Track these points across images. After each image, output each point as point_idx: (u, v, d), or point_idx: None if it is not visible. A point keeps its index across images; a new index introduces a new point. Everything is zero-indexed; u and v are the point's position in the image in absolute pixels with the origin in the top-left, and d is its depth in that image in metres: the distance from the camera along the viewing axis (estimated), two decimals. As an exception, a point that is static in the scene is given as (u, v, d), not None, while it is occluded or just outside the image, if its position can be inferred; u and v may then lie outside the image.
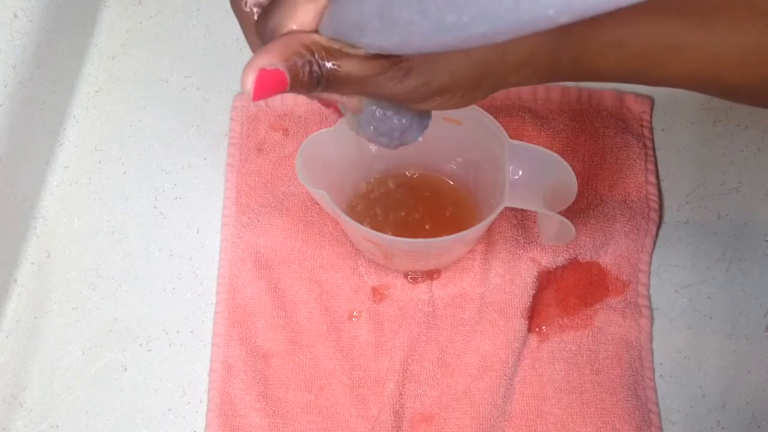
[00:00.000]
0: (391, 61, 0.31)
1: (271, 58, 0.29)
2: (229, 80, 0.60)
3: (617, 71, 0.35)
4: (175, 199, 0.57)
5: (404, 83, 0.32)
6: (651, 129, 0.58)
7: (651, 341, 0.53)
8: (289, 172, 0.57)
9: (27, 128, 0.55)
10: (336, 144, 0.49)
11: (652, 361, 0.52)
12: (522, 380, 0.51)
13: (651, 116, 0.59)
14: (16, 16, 0.54)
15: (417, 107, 0.34)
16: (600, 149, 0.57)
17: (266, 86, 0.29)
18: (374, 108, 0.35)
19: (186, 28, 0.62)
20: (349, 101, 0.35)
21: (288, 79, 0.30)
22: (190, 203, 0.57)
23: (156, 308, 0.54)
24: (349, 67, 0.30)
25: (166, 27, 0.62)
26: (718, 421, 0.51)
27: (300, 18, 0.31)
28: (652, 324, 0.53)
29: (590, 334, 0.52)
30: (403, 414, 0.51)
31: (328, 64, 0.30)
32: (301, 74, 0.30)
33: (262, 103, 0.59)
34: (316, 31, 0.31)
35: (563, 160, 0.48)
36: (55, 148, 0.58)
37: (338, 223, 0.54)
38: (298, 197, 0.56)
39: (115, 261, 0.55)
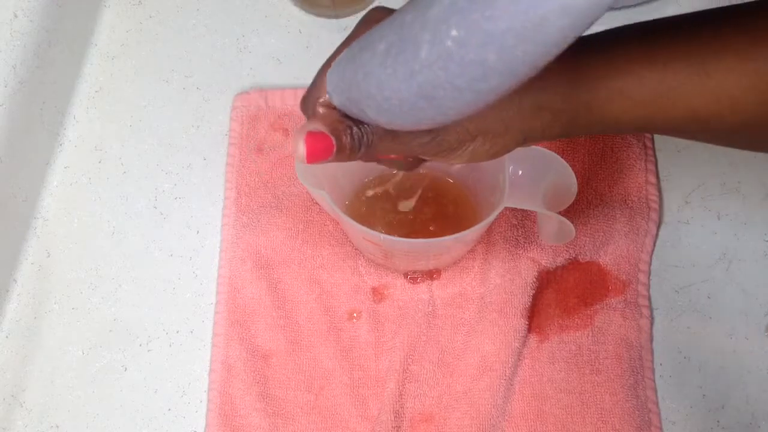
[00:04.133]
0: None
1: (316, 125, 0.33)
2: (229, 80, 0.60)
3: (626, 118, 0.36)
4: (175, 199, 0.57)
5: (439, 144, 0.36)
6: (651, 129, 0.58)
7: (651, 341, 0.53)
8: (289, 172, 0.57)
9: (27, 128, 0.55)
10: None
11: (652, 361, 0.52)
12: (522, 380, 0.51)
13: (651, 116, 0.59)
14: (16, 16, 0.54)
15: (453, 160, 0.37)
16: (600, 149, 0.57)
17: (316, 148, 0.33)
18: None
19: (186, 28, 0.62)
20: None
21: (334, 143, 0.33)
22: (190, 203, 0.57)
23: (156, 308, 0.54)
24: (382, 140, 0.35)
25: (166, 27, 0.62)
26: (718, 421, 0.51)
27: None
28: (652, 324, 0.53)
29: (590, 334, 0.52)
30: (403, 414, 0.51)
31: (366, 128, 0.34)
32: (345, 138, 0.34)
33: (262, 103, 0.59)
34: None
35: (563, 160, 0.48)
36: (55, 148, 0.58)
37: (338, 223, 0.54)
38: (298, 197, 0.56)
39: (115, 261, 0.55)
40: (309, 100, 0.36)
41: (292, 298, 0.54)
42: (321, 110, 0.35)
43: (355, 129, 0.34)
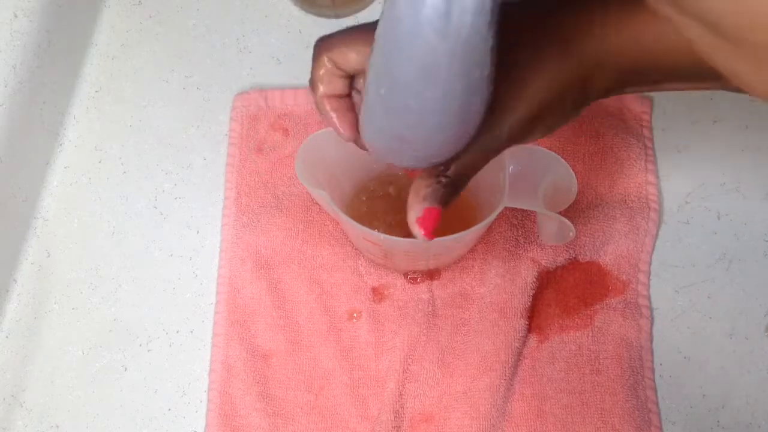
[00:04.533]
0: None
1: (418, 205, 0.36)
2: (229, 80, 0.60)
3: (686, 66, 0.35)
4: (175, 199, 0.57)
5: (501, 137, 0.36)
6: (651, 129, 0.58)
7: (651, 341, 0.53)
8: (289, 172, 0.57)
9: (27, 128, 0.55)
10: (336, 144, 0.49)
11: (652, 361, 0.52)
12: (522, 380, 0.51)
13: (651, 116, 0.59)
14: (16, 16, 0.54)
15: (524, 143, 0.38)
16: (600, 149, 0.57)
17: (431, 221, 0.36)
18: None
19: (186, 28, 0.62)
20: None
21: (440, 206, 0.36)
22: (190, 203, 0.57)
23: (156, 308, 0.54)
24: (458, 166, 0.36)
25: (166, 27, 0.62)
26: (718, 421, 0.51)
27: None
28: (652, 324, 0.53)
29: (590, 334, 0.52)
30: (403, 414, 0.51)
31: (451, 175, 0.36)
32: (443, 195, 0.36)
33: (262, 103, 0.59)
34: None
35: (563, 160, 0.48)
36: (55, 148, 0.58)
37: (338, 223, 0.54)
38: (298, 197, 0.56)
39: (115, 261, 0.55)
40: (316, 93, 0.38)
41: (292, 298, 0.54)
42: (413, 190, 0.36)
43: (443, 179, 0.36)
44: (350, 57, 0.37)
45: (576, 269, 0.54)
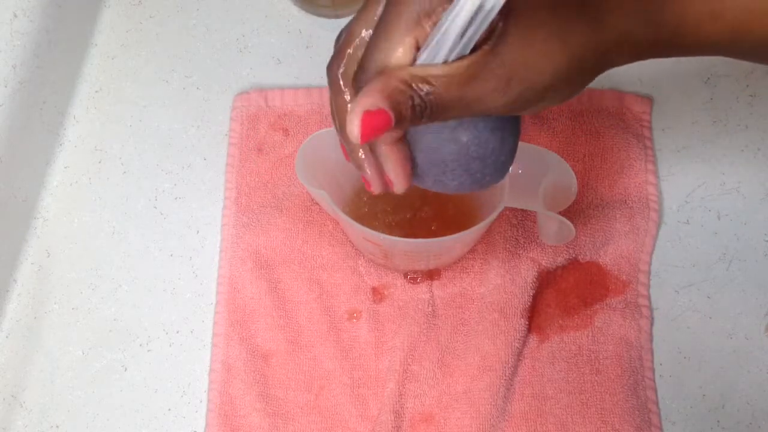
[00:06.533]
0: (486, 69, 0.31)
1: (373, 99, 0.30)
2: (229, 80, 0.60)
3: (719, 40, 0.34)
4: (175, 199, 0.57)
5: (508, 93, 0.31)
6: (651, 129, 0.58)
7: (651, 341, 0.53)
8: (289, 172, 0.57)
9: (27, 128, 0.55)
10: (336, 144, 0.49)
11: (652, 361, 0.52)
12: (522, 380, 0.51)
13: (651, 116, 0.59)
14: (16, 16, 0.54)
15: (526, 113, 0.34)
16: (600, 149, 0.57)
17: (372, 128, 0.30)
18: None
19: (186, 28, 0.62)
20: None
21: (392, 117, 0.30)
22: (190, 203, 0.57)
23: (156, 308, 0.54)
24: (449, 88, 0.31)
25: (166, 27, 0.62)
26: (718, 421, 0.51)
27: (398, 56, 0.31)
28: (652, 324, 0.53)
29: (590, 334, 0.52)
30: (403, 414, 0.51)
31: (427, 89, 0.31)
32: (404, 109, 0.30)
33: (262, 103, 0.59)
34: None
35: (563, 160, 0.48)
36: (55, 148, 0.58)
37: (338, 223, 0.54)
38: (298, 197, 0.56)
39: (115, 261, 0.55)
40: (372, 64, 0.32)
41: (292, 298, 0.54)
42: (377, 77, 0.31)
43: (416, 99, 0.31)
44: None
45: (576, 269, 0.54)
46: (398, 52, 0.31)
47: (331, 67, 0.35)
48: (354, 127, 0.30)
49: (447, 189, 0.37)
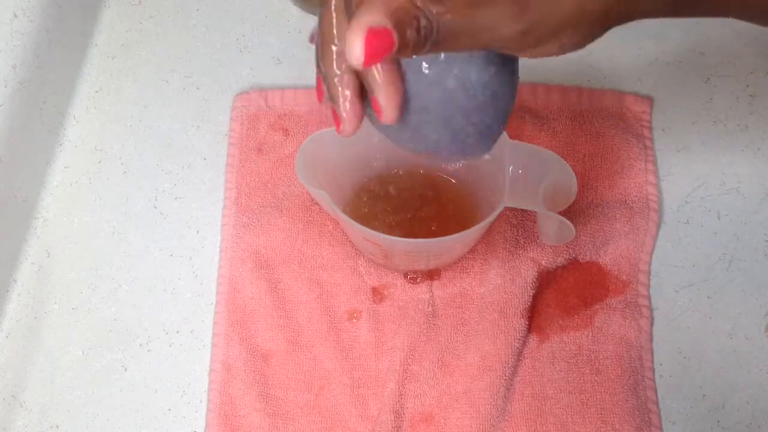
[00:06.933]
0: None
1: (377, 16, 0.26)
2: (229, 80, 0.60)
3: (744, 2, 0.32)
4: (175, 199, 0.57)
5: (522, 20, 0.28)
6: (651, 129, 0.58)
7: (651, 341, 0.53)
8: (289, 172, 0.57)
9: (27, 128, 0.55)
10: (336, 144, 0.49)
11: (652, 361, 0.52)
12: (522, 380, 0.51)
13: (651, 116, 0.59)
14: (16, 16, 0.54)
15: (533, 53, 0.30)
16: (600, 149, 0.57)
17: (375, 49, 0.26)
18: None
19: (186, 28, 0.62)
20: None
21: (395, 40, 0.27)
22: (190, 203, 0.57)
23: (156, 308, 0.54)
24: (459, 9, 0.28)
25: (166, 27, 0.62)
26: (718, 421, 0.51)
27: None
28: (652, 324, 0.53)
29: (590, 334, 0.52)
30: (403, 414, 0.51)
31: (436, 10, 0.27)
32: (409, 32, 0.27)
33: (262, 103, 0.59)
34: None
35: (563, 160, 0.48)
36: (55, 148, 0.58)
37: (338, 223, 0.54)
38: (298, 197, 0.56)
39: (115, 261, 0.55)
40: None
41: (292, 298, 0.54)
42: None
43: (423, 20, 0.27)
44: None
45: (576, 269, 0.54)
46: None
47: None
48: (356, 47, 0.26)
49: (426, 144, 0.34)
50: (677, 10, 0.31)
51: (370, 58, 0.26)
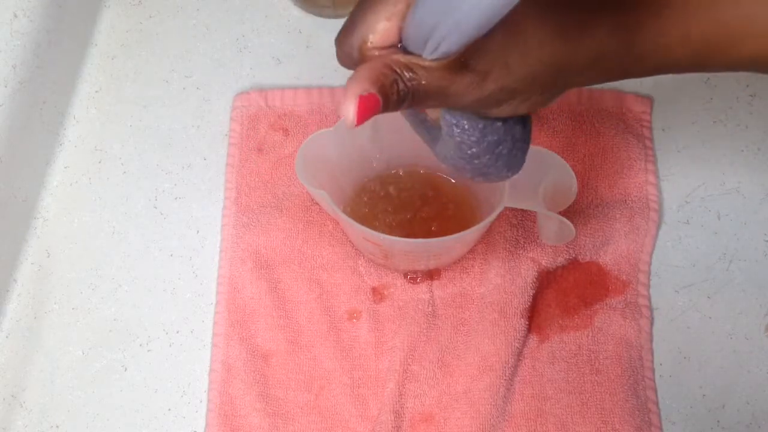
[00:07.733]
0: (465, 65, 0.33)
1: (364, 84, 0.31)
2: (229, 80, 0.60)
3: (682, 63, 0.35)
4: (175, 199, 0.57)
5: (483, 88, 0.33)
6: (651, 129, 0.58)
7: (651, 341, 0.53)
8: (289, 172, 0.57)
9: (27, 128, 0.55)
10: (336, 144, 0.49)
11: (652, 361, 0.52)
12: (522, 380, 0.51)
13: (651, 116, 0.59)
14: (16, 16, 0.54)
15: (495, 113, 0.35)
16: (600, 149, 0.57)
17: (365, 111, 0.31)
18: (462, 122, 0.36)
19: (186, 28, 0.62)
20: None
21: (380, 101, 0.32)
22: (190, 203, 0.57)
23: (156, 308, 0.54)
24: (430, 78, 0.32)
25: (166, 27, 0.62)
26: (718, 421, 0.51)
27: (380, 31, 0.33)
28: (652, 324, 0.53)
29: (590, 334, 0.52)
30: (403, 414, 0.51)
31: (410, 76, 0.32)
32: (390, 93, 0.32)
33: (262, 103, 0.59)
34: (396, 49, 0.33)
35: (563, 160, 0.48)
36: (55, 148, 0.58)
37: (338, 223, 0.54)
38: (298, 197, 0.56)
39: (115, 261, 0.55)
40: (353, 39, 0.34)
41: (292, 298, 0.54)
42: (366, 64, 0.33)
43: (401, 84, 0.32)
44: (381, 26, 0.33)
45: (576, 269, 0.54)
46: (384, 29, 0.33)
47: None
48: (350, 113, 0.31)
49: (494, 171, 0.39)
50: (614, 78, 0.36)
51: (362, 118, 0.32)
